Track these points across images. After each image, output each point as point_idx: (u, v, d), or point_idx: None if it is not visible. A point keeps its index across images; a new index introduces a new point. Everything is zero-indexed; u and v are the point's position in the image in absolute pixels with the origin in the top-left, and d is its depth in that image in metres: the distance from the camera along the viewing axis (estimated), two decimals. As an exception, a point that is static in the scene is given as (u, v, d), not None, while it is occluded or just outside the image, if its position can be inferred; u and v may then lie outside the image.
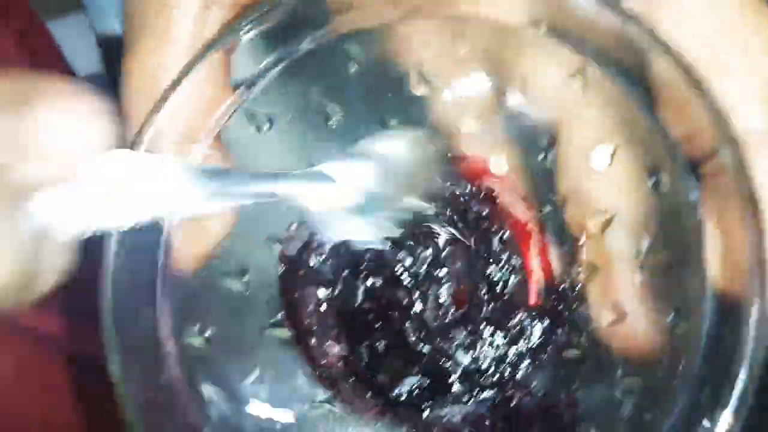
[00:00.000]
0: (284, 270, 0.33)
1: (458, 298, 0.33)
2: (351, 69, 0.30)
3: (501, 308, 0.33)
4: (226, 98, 0.28)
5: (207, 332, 0.30)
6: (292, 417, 0.31)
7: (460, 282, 0.33)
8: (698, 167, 0.25)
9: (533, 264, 0.33)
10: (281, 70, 0.29)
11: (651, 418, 0.26)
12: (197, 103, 0.28)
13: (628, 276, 0.29)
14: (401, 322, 0.33)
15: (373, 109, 0.31)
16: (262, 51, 0.28)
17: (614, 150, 0.28)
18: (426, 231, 0.33)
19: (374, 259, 0.33)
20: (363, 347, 0.33)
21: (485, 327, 0.33)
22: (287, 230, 0.33)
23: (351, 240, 0.31)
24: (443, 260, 0.33)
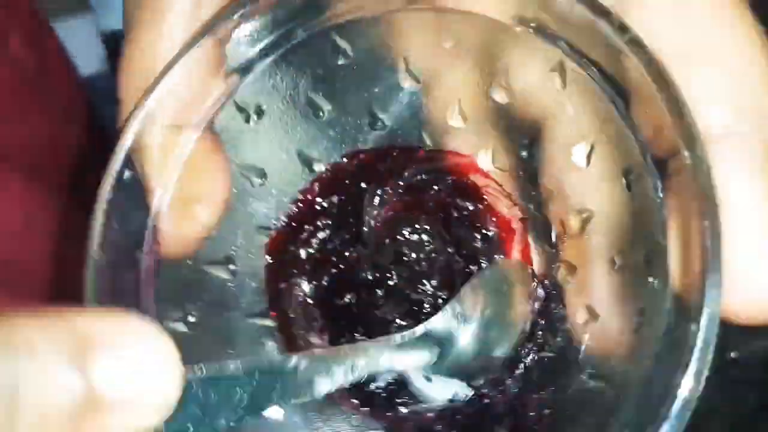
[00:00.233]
0: (271, 260, 0.33)
1: (440, 293, 0.34)
2: (340, 61, 0.30)
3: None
4: (218, 86, 0.29)
5: (189, 318, 0.30)
6: (270, 405, 0.32)
7: (443, 277, 0.34)
8: (665, 167, 0.25)
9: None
10: (272, 61, 0.30)
11: (609, 420, 0.26)
12: (189, 89, 0.29)
13: (603, 276, 0.29)
14: (382, 316, 0.33)
15: (362, 102, 0.32)
16: (254, 41, 0.29)
17: (591, 148, 0.29)
18: (410, 227, 0.34)
19: (359, 254, 0.34)
20: (344, 340, 0.33)
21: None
22: (275, 221, 0.33)
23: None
24: (427, 256, 0.34)
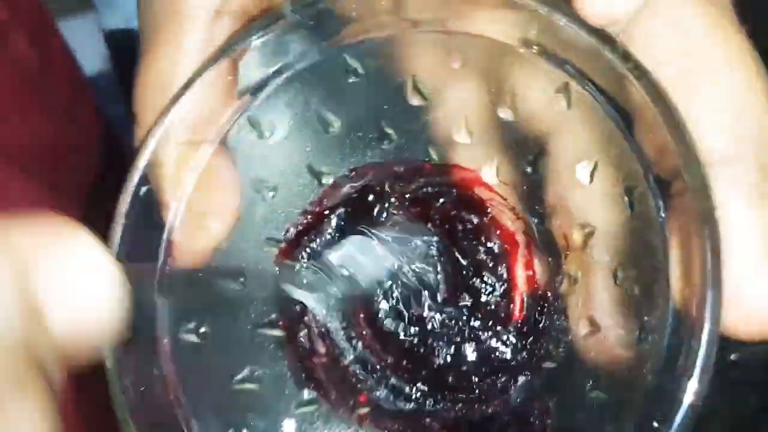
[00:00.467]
0: (280, 272, 0.34)
1: (444, 305, 0.35)
2: (350, 80, 0.32)
3: (484, 317, 0.34)
4: (232, 104, 0.30)
5: (202, 329, 0.31)
6: (278, 416, 0.33)
7: (447, 289, 0.35)
8: (667, 188, 0.26)
9: (518, 274, 0.35)
10: (285, 80, 0.31)
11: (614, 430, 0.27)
12: (204, 108, 0.30)
13: (605, 290, 0.30)
14: (387, 327, 0.34)
15: (372, 119, 0.33)
16: (268, 60, 0.30)
17: (594, 166, 0.30)
18: (417, 239, 0.35)
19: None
20: (350, 351, 0.34)
21: (468, 335, 0.34)
22: (285, 233, 0.34)
23: None
24: (432, 268, 0.35)
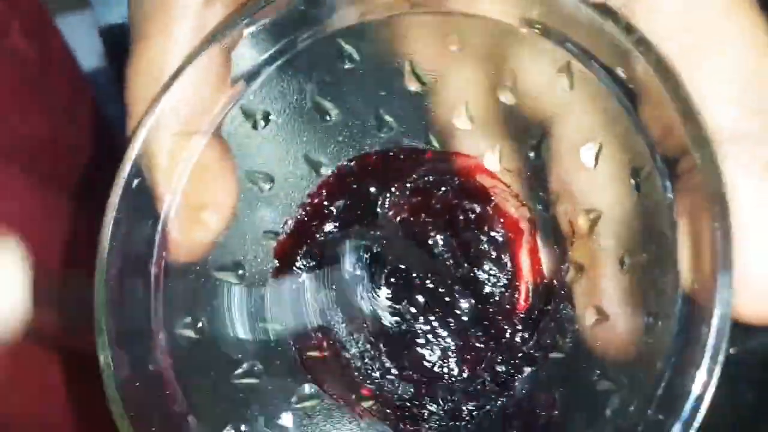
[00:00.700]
0: (278, 265, 0.34)
1: (447, 296, 0.34)
2: (346, 65, 0.31)
3: (488, 308, 0.34)
4: (225, 92, 0.30)
5: (198, 324, 0.31)
6: (278, 410, 0.32)
7: (450, 279, 0.34)
8: (675, 167, 0.25)
9: (523, 263, 0.34)
10: (279, 66, 0.30)
11: (619, 421, 0.27)
12: (196, 96, 0.29)
13: (612, 276, 0.30)
14: (388, 320, 0.34)
15: (369, 106, 0.33)
16: (261, 46, 0.30)
17: (599, 149, 0.29)
18: (417, 228, 0.34)
19: (365, 257, 0.35)
20: (351, 343, 0.34)
21: (472, 326, 0.34)
22: (283, 225, 0.34)
23: None
24: (432, 258, 0.34)
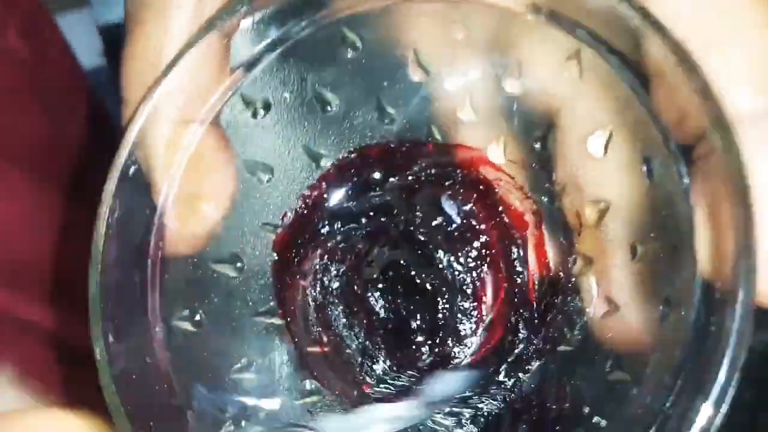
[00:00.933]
0: (278, 257, 0.33)
1: (452, 290, 0.34)
2: (348, 54, 0.30)
3: (495, 301, 0.33)
4: (224, 80, 0.29)
5: (196, 317, 0.30)
6: (278, 405, 0.32)
7: (455, 273, 0.34)
8: (689, 152, 0.25)
9: (529, 256, 0.33)
10: (279, 54, 0.30)
11: (637, 412, 0.26)
12: (195, 83, 0.29)
13: (622, 266, 0.29)
14: (393, 315, 0.33)
15: (371, 96, 0.32)
16: (261, 34, 0.29)
17: (609, 136, 0.29)
18: (419, 221, 0.34)
19: (369, 251, 0.34)
20: (351, 338, 0.33)
21: (478, 320, 0.33)
22: (282, 217, 0.33)
23: None
24: (435, 251, 0.34)
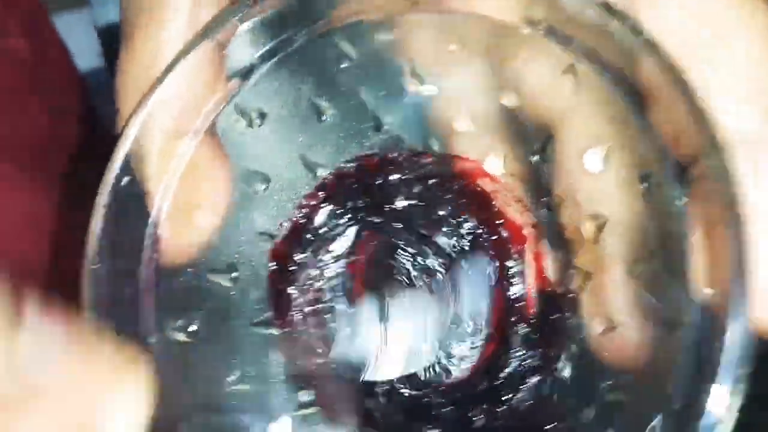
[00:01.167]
0: (273, 267, 0.33)
1: (448, 303, 0.34)
2: (344, 64, 0.31)
3: (493, 315, 0.33)
4: (219, 89, 0.29)
5: (191, 327, 0.30)
6: (273, 418, 0.32)
7: (451, 286, 0.34)
8: (686, 172, 0.25)
9: (527, 270, 0.33)
10: (274, 64, 0.30)
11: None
12: (189, 93, 0.29)
13: (620, 284, 0.29)
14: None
15: (368, 107, 0.32)
16: (256, 43, 0.29)
17: (606, 153, 0.29)
18: (416, 233, 0.34)
19: (365, 261, 0.34)
20: (347, 354, 0.33)
21: (474, 335, 0.33)
22: (278, 227, 0.33)
23: None
24: (434, 264, 0.34)
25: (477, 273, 0.34)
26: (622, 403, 0.28)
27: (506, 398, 0.32)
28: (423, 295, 0.34)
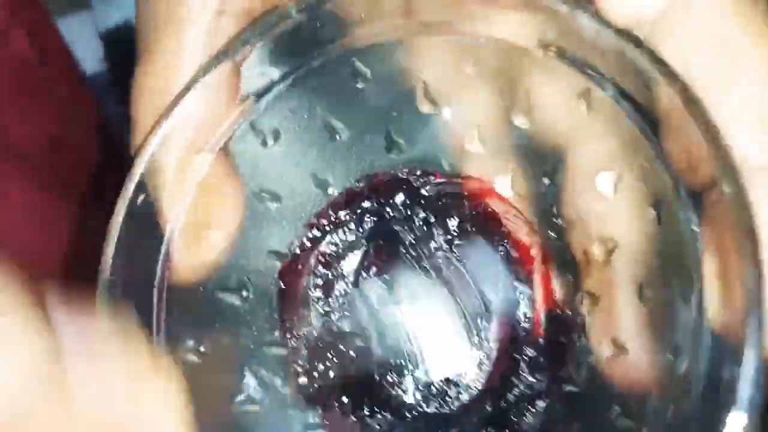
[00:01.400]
0: (284, 286, 0.34)
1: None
2: (358, 85, 0.31)
3: (500, 338, 0.33)
4: (234, 109, 0.30)
5: (201, 347, 0.31)
6: None
7: (460, 307, 0.34)
8: (700, 199, 0.25)
9: (535, 292, 0.34)
10: (290, 84, 0.30)
11: None
12: (205, 112, 0.29)
13: (629, 308, 0.29)
14: (395, 351, 0.34)
15: (380, 127, 0.32)
16: (272, 63, 0.29)
17: (618, 177, 0.29)
18: (425, 252, 0.34)
19: (374, 284, 0.34)
20: (355, 375, 0.34)
21: (482, 356, 0.33)
22: (289, 245, 0.34)
23: None
24: (440, 285, 0.34)
25: (485, 294, 0.34)
26: (632, 430, 0.28)
27: (513, 422, 0.32)
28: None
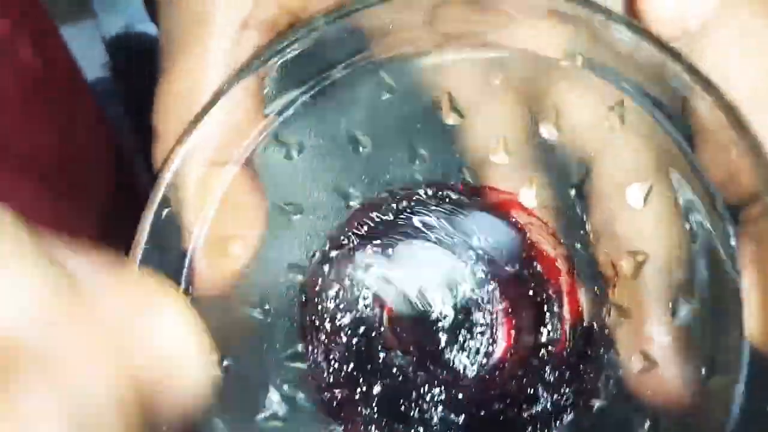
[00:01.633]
0: (305, 300, 0.33)
1: (481, 339, 0.34)
2: (382, 97, 0.31)
3: (525, 351, 0.33)
4: (259, 121, 0.29)
5: (224, 362, 0.30)
6: None
7: (483, 320, 0.34)
8: (737, 213, 0.25)
9: (561, 303, 0.33)
10: (313, 96, 0.30)
11: None
12: (230, 126, 0.29)
13: (660, 323, 0.29)
14: (417, 366, 0.33)
15: (404, 138, 0.32)
16: (297, 75, 0.29)
17: (650, 189, 0.29)
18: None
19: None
20: (379, 389, 0.33)
21: (508, 370, 0.33)
22: (310, 258, 0.33)
23: None
24: (464, 298, 0.34)
25: (511, 305, 0.34)
26: None
27: None
28: (458, 323, 0.34)
